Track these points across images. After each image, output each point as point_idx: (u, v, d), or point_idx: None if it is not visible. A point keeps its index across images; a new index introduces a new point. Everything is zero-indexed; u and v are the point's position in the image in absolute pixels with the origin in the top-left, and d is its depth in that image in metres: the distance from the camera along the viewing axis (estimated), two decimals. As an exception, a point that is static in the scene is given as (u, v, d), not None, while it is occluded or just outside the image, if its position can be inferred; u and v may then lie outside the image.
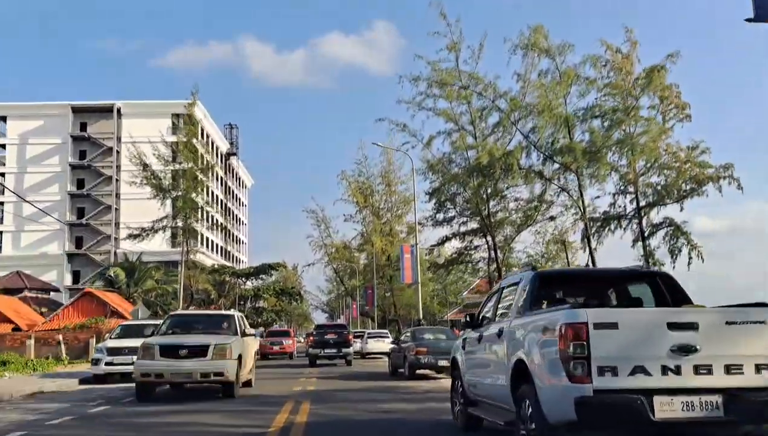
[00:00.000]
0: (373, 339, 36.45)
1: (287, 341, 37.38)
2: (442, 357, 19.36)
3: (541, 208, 42.79)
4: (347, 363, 28.67)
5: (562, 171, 36.75)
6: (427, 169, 48.63)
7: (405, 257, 32.78)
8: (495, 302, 8.52)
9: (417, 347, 19.64)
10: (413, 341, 20.24)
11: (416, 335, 20.78)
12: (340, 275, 74.97)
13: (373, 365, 29.59)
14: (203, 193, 47.43)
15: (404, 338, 21.84)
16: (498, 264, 46.57)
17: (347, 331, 30.33)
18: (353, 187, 63.41)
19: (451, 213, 49.74)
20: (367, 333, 38.17)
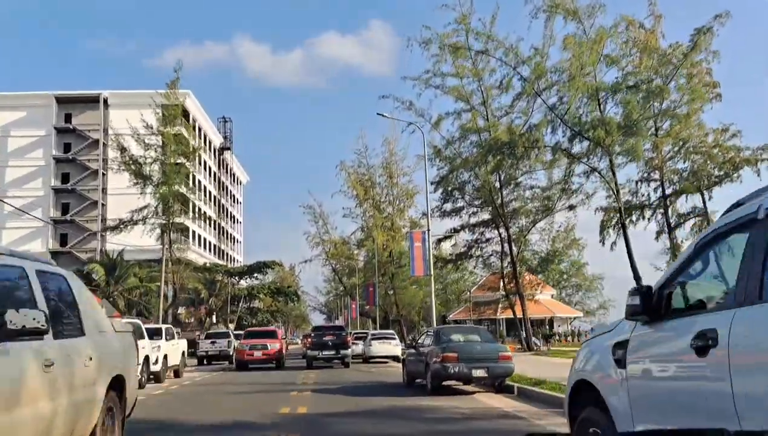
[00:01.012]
0: (377, 341, 31.39)
1: (273, 344, 27.82)
2: (478, 365, 14.37)
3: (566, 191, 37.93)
4: (345, 365, 27.41)
5: (592, 148, 31.82)
6: (434, 156, 43.95)
7: (415, 246, 27.73)
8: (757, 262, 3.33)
9: (444, 352, 14.59)
10: (438, 344, 15.18)
11: (442, 337, 15.68)
12: (338, 274, 69.75)
13: (380, 372, 24.53)
14: (188, 182, 42.22)
15: (424, 339, 16.73)
16: (512, 258, 41.67)
17: (345, 332, 29.24)
18: (353, 179, 58.32)
19: (460, 203, 45.03)
20: (370, 334, 33.08)
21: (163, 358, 21.18)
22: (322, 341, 27.32)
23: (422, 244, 27.81)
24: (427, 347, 15.92)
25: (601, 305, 79.71)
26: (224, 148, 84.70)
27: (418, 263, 27.65)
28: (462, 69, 37.42)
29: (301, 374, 23.67)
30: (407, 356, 17.67)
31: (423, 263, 27.65)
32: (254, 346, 28.01)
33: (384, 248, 56.61)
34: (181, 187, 39.54)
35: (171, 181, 38.45)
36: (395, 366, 28.23)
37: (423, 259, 27.66)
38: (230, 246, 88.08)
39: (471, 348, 14.88)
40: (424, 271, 27.89)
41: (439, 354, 14.69)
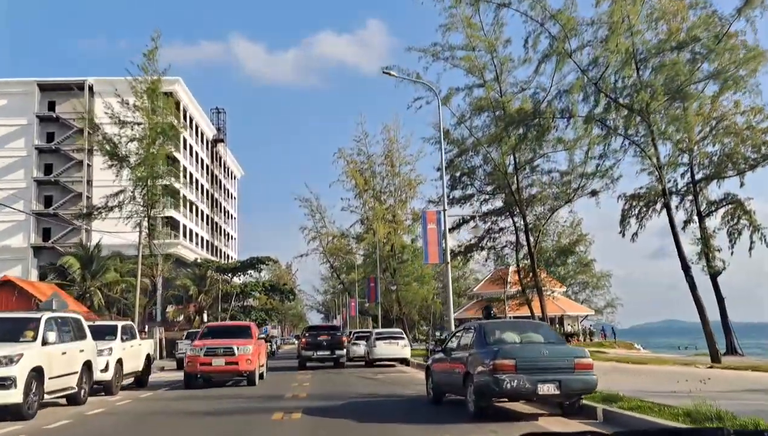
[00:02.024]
0: (383, 341, 26.48)
1: (243, 347, 18.10)
2: (545, 378, 9.67)
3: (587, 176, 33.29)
4: (340, 366, 26.11)
5: (630, 119, 27.05)
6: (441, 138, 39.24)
7: (429, 229, 22.87)
8: None
9: (496, 358, 9.72)
10: (484, 347, 10.34)
11: (488, 335, 10.77)
12: (336, 271, 64.67)
13: (390, 380, 19.65)
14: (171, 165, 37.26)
15: (460, 339, 11.80)
16: (530, 249, 36.87)
17: (340, 332, 28.18)
18: (351, 168, 53.45)
19: (470, 190, 40.35)
20: (374, 334, 28.14)
21: (115, 363, 16.29)
22: (317, 341, 25.99)
23: (437, 226, 22.95)
24: (464, 349, 11.10)
25: (609, 303, 75.09)
26: (217, 140, 79.67)
27: (432, 249, 22.78)
28: (475, 37, 32.68)
29: (291, 383, 18.83)
30: (433, 363, 12.77)
31: (438, 248, 22.78)
32: (213, 350, 17.97)
33: (385, 241, 51.77)
34: (161, 168, 34.52)
35: (149, 162, 33.49)
36: (406, 372, 23.41)
37: (438, 244, 22.80)
38: (224, 242, 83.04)
39: (534, 353, 10.03)
40: (439, 258, 23.02)
41: (488, 361, 9.86)
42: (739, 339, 37.56)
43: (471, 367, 10.35)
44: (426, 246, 23.00)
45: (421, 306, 69.04)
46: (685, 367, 20.74)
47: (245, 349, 18.11)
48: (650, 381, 14.52)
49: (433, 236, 22.92)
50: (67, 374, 13.15)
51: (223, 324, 25.91)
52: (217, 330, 20.80)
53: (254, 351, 18.38)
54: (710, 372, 18.19)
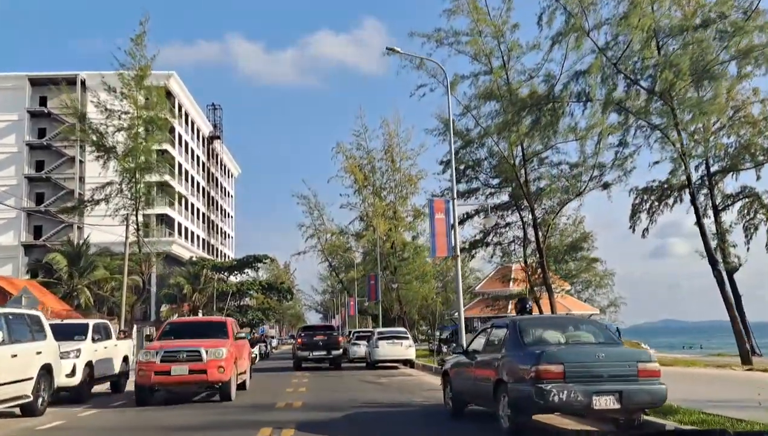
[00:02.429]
0: (386, 341, 24.29)
1: (213, 352, 13.73)
2: (602, 387, 7.48)
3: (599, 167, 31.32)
4: (337, 366, 25.18)
5: (652, 101, 24.97)
6: (443, 129, 37.18)
7: (436, 219, 20.74)
8: None
9: (540, 362, 7.58)
10: (521, 348, 8.23)
11: (525, 334, 8.61)
12: (335, 270, 62.38)
13: (396, 385, 17.53)
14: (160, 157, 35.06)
15: (487, 339, 9.61)
16: (538, 244, 34.77)
17: (336, 332, 27.66)
18: (350, 163, 51.34)
19: (475, 184, 38.32)
20: (376, 333, 25.95)
21: (84, 367, 14.13)
22: (313, 341, 25.07)
23: (445, 216, 20.83)
24: (494, 352, 8.98)
25: (612, 302, 72.91)
26: (213, 136, 77.43)
27: (440, 241, 20.64)
28: (481, 21, 30.60)
29: (285, 388, 16.68)
30: (453, 367, 10.61)
31: (446, 240, 20.66)
32: (173, 354, 13.50)
33: (386, 238, 49.68)
34: (150, 160, 32.30)
35: (136, 153, 31.31)
36: (412, 375, 21.30)
37: (446, 235, 20.67)
38: (220, 241, 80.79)
39: (587, 356, 7.88)
40: (447, 251, 20.89)
41: (528, 367, 7.74)
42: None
43: (505, 373, 8.24)
44: (433, 238, 20.85)
45: (421, 305, 66.90)
46: (721, 369, 18.65)
47: (217, 352, 13.63)
48: (695, 387, 12.43)
49: (441, 227, 20.78)
50: (19, 381, 11.03)
51: (190, 320, 20.95)
52: (182, 328, 16.17)
53: (230, 355, 13.93)
54: (751, 375, 16.16)
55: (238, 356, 14.93)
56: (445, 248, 20.83)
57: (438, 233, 20.81)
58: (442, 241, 20.75)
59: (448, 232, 20.84)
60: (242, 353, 15.78)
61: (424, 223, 53.21)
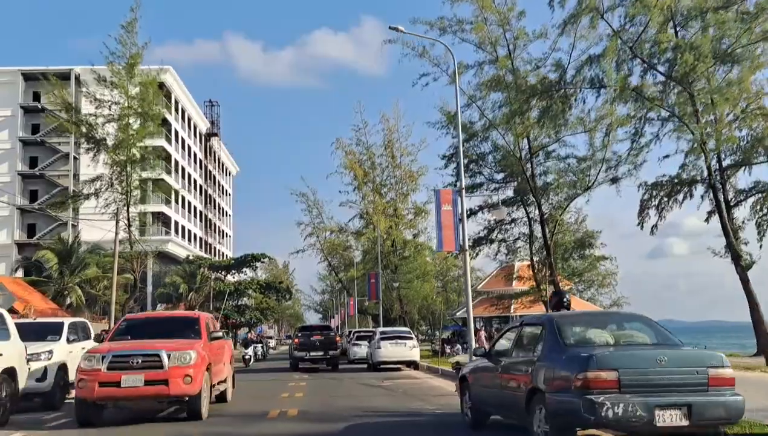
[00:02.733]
0: (389, 342, 22.78)
1: (178, 356, 10.52)
2: (670, 401, 5.94)
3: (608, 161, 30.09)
4: (333, 367, 24.58)
5: (669, 88, 23.56)
6: (446, 122, 35.85)
7: (443, 211, 19.26)
8: None
9: (589, 367, 6.05)
10: (562, 352, 6.66)
11: (565, 333, 7.09)
12: (334, 269, 60.73)
13: (402, 388, 16.06)
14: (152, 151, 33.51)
15: (513, 341, 8.09)
16: (546, 241, 33.36)
17: (334, 333, 27.22)
18: (350, 159, 49.82)
19: (479, 179, 36.96)
20: (378, 333, 24.40)
21: (57, 370, 12.65)
22: (310, 341, 24.58)
23: (453, 207, 19.36)
24: (525, 353, 7.51)
25: (615, 302, 71.41)
26: (211, 133, 75.89)
27: (446, 235, 19.15)
28: (486, 8, 29.19)
29: (281, 392, 15.19)
30: (473, 371, 9.09)
31: (454, 233, 19.18)
32: (123, 359, 10.47)
33: (386, 235, 48.16)
34: (142, 152, 30.76)
35: (127, 145, 29.77)
36: (417, 378, 19.81)
37: (454, 228, 19.20)
38: (218, 240, 79.24)
39: (645, 360, 6.38)
40: (455, 245, 19.41)
41: (573, 373, 6.28)
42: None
43: (541, 381, 6.76)
44: (439, 231, 19.37)
45: (420, 305, 65.37)
46: (749, 372, 17.18)
47: (183, 357, 10.45)
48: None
49: (447, 220, 19.30)
50: (-27, 387, 9.51)
51: (153, 315, 17.29)
52: (141, 325, 12.68)
53: (200, 360, 10.72)
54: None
55: (214, 361, 11.67)
56: (452, 242, 19.36)
57: (444, 226, 19.33)
58: (449, 234, 19.28)
59: (455, 225, 19.38)
60: (220, 357, 12.46)
61: (425, 221, 51.82)
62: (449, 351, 31.03)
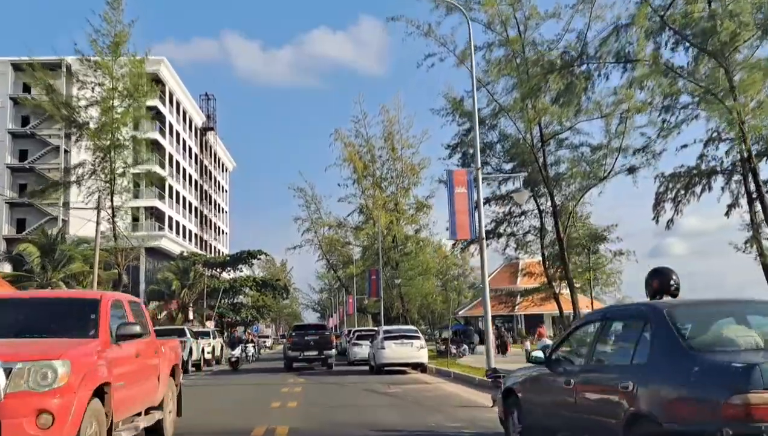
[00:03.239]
0: (394, 342, 20.27)
1: (25, 376, 5.21)
2: None
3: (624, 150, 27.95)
4: (328, 367, 23.53)
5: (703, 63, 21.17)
6: (451, 109, 33.59)
7: (456, 194, 16.85)
8: None
9: (747, 387, 3.66)
10: (685, 359, 4.24)
11: (684, 329, 4.63)
12: (333, 267, 58.15)
13: (409, 395, 13.64)
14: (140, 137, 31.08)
15: (591, 341, 5.61)
16: (558, 233, 31.06)
17: (329, 332, 26.03)
18: (349, 151, 47.43)
19: (486, 170, 34.62)
20: (383, 332, 21.81)
21: None
22: (304, 340, 23.45)
23: (468, 189, 16.93)
24: (613, 359, 5.08)
25: (619, 301, 69.07)
26: (207, 128, 73.38)
27: (461, 220, 16.74)
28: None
29: (272, 400, 12.75)
30: (525, 383, 6.61)
31: (469, 219, 16.77)
32: None
33: (387, 230, 45.75)
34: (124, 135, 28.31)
35: (111, 129, 27.35)
36: (428, 382, 17.39)
37: (469, 213, 16.79)
38: (214, 236, 76.70)
39: None
40: (470, 232, 17.00)
41: (723, 396, 3.80)
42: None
43: (652, 403, 4.34)
44: (452, 216, 16.95)
45: (421, 304, 62.98)
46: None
47: (42, 373, 5.34)
48: None
49: (462, 203, 16.90)
50: None
51: (20, 296, 9.35)
52: None
53: (80, 380, 5.56)
54: None
55: (128, 378, 6.67)
56: (467, 229, 16.96)
57: (458, 211, 16.91)
58: (464, 220, 16.86)
59: (470, 209, 16.96)
60: (141, 370, 7.27)
61: (428, 216, 49.48)
62: (455, 351, 28.60)
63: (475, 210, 17.08)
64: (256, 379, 19.80)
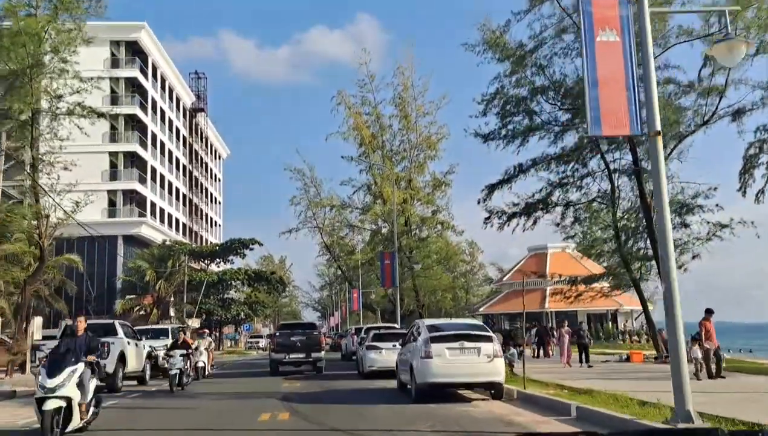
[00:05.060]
0: (449, 346, 11.09)
1: None
2: None
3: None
4: (317, 371, 20.17)
5: None
6: (485, 47, 25.27)
7: (599, 44, 7.90)
8: None
9: None
10: None
11: None
12: (335, 255, 48.80)
13: None
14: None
15: None
16: (643, 197, 22.45)
17: (318, 332, 22.25)
18: (355, 117, 38.58)
19: (537, 120, 26.04)
20: (425, 330, 12.32)
21: None
22: (290, 341, 20.06)
23: (622, 35, 7.95)
24: None
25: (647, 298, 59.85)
26: (197, 109, 64.30)
27: (608, 96, 7.77)
28: None
29: None
30: None
31: (625, 98, 7.79)
32: None
33: (400, 211, 36.77)
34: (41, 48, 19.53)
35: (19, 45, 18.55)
36: (521, 424, 8.25)
37: (625, 87, 7.79)
38: (204, 227, 67.57)
39: None
40: (630, 124, 7.98)
41: None
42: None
43: None
44: (593, 89, 7.99)
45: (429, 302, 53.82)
46: None
47: None
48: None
49: (610, 63, 8.00)
50: None
51: None
52: None
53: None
54: None
55: None
56: (624, 120, 8.01)
57: (603, 83, 7.99)
58: (616, 98, 7.93)
59: (629, 78, 8.12)
60: None
61: (446, 195, 40.69)
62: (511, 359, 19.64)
63: (639, 84, 8.12)
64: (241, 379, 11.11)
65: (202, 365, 17.61)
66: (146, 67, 53.05)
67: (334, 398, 12.66)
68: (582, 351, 19.03)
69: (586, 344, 19.44)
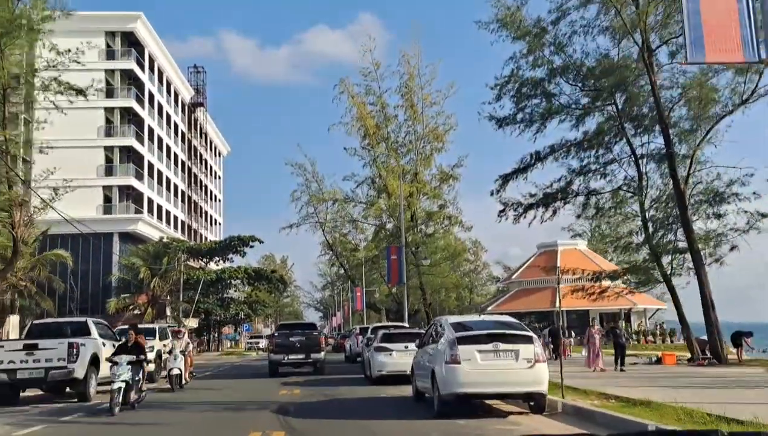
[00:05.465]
0: (477, 349, 8.91)
1: None
2: None
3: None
4: (318, 371, 19.48)
5: None
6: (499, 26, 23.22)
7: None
8: None
9: None
10: None
11: None
12: (337, 254, 46.63)
13: None
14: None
15: None
16: (676, 184, 20.31)
17: (318, 333, 21.48)
18: (359, 108, 36.47)
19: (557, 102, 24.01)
20: (449, 329, 10.27)
21: None
22: (288, 342, 19.46)
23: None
24: None
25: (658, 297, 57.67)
26: (196, 103, 62.22)
27: (713, 24, 5.59)
28: None
29: None
30: None
31: (738, 19, 5.55)
32: None
33: (406, 205, 34.67)
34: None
35: None
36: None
37: (737, 10, 5.56)
38: (203, 225, 65.46)
39: None
40: (745, 49, 5.80)
41: None
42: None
43: None
44: (695, 20, 5.72)
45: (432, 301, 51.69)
46: None
47: None
48: None
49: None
50: None
51: None
52: None
53: None
54: None
55: None
56: (734, 37, 5.67)
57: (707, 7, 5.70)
58: (724, 21, 5.64)
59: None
60: None
61: (453, 189, 38.58)
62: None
63: None
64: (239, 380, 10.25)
65: (178, 372, 14.69)
66: (143, 58, 51.02)
67: (339, 411, 10.59)
68: (618, 353, 16.88)
69: (623, 344, 17.29)
